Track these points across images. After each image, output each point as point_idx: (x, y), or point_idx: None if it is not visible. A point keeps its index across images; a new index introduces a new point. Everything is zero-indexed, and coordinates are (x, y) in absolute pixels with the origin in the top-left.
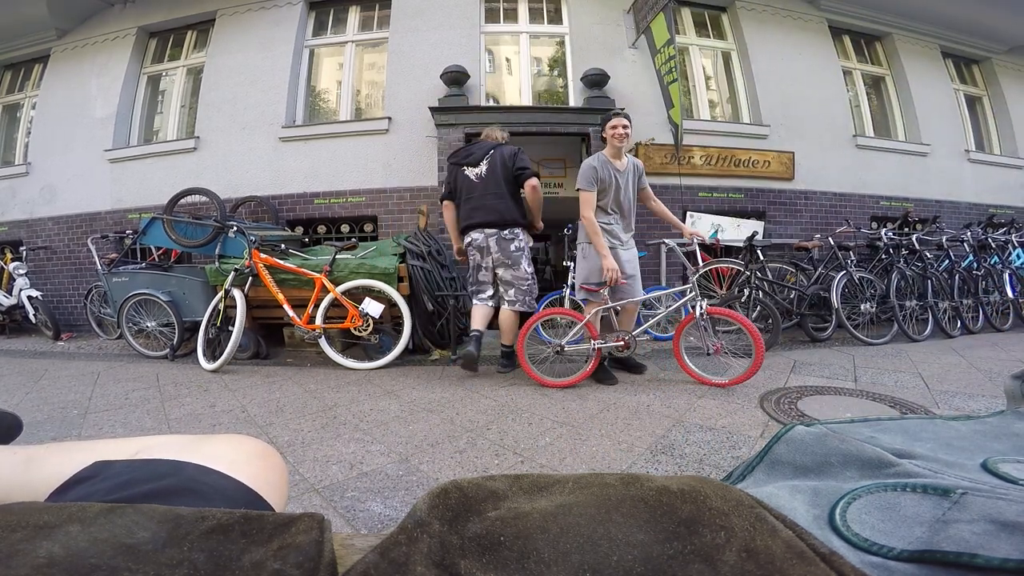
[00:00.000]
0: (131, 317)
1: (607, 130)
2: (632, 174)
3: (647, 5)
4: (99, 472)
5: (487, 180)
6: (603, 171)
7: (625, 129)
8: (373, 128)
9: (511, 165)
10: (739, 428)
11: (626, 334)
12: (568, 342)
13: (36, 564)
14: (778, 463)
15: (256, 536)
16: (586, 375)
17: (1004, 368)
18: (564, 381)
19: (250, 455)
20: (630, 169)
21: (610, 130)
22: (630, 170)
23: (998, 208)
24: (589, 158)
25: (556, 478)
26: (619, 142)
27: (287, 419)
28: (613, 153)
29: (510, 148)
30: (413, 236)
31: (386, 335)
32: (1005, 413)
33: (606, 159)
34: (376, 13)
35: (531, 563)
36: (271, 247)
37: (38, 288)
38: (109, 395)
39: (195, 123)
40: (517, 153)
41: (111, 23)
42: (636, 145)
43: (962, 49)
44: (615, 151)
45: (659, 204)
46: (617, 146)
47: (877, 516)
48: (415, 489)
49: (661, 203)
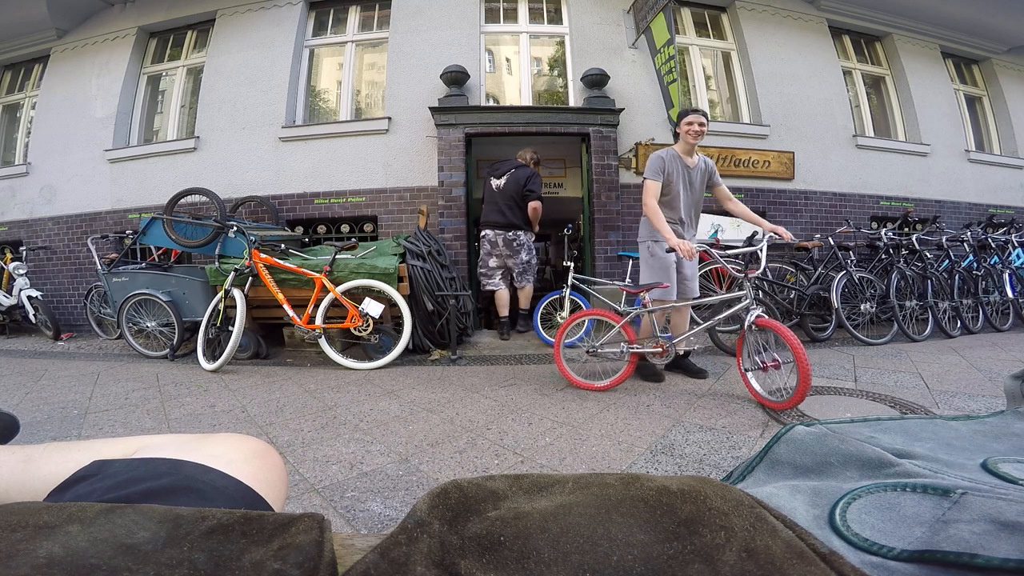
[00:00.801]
0: (131, 317)
1: (682, 126)
2: (702, 173)
3: (647, 5)
4: (98, 471)
5: (503, 191)
6: (671, 164)
7: (702, 127)
8: (373, 128)
9: (522, 185)
10: (739, 428)
11: (665, 339)
12: (602, 345)
13: (36, 564)
14: (778, 463)
15: (256, 536)
16: (620, 380)
17: (1004, 368)
18: (597, 384)
19: (249, 454)
20: (700, 168)
21: (685, 126)
22: (700, 168)
23: (998, 208)
24: (658, 151)
25: (556, 478)
26: (693, 139)
27: (287, 419)
28: (685, 150)
29: (527, 171)
30: (413, 236)
31: (386, 335)
32: (1005, 413)
33: (676, 154)
34: (376, 13)
35: (531, 563)
36: (271, 247)
37: (38, 288)
38: (109, 395)
39: (195, 123)
40: (531, 177)
41: (111, 23)
42: (636, 145)
43: (962, 49)
44: (687, 148)
45: (738, 204)
46: (691, 143)
47: (877, 516)
48: (415, 489)
49: (740, 202)
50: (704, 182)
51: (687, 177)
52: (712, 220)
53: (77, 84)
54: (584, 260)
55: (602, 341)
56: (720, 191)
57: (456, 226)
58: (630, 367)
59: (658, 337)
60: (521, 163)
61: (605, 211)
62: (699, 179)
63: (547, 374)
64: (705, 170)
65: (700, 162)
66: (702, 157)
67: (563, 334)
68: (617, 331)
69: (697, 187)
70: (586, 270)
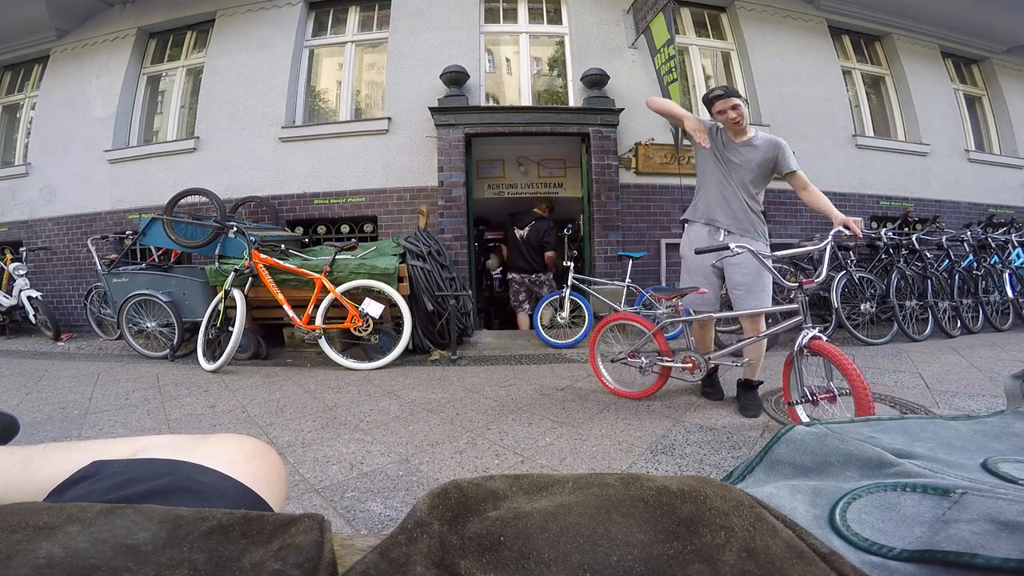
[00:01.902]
0: (131, 317)
1: (714, 116)
2: (758, 154)
3: (647, 5)
4: (97, 472)
5: (526, 242)
6: (717, 138)
7: (736, 111)
8: (373, 128)
9: (541, 237)
10: (739, 428)
11: (697, 355)
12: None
13: (36, 564)
14: (778, 463)
15: (256, 537)
16: (650, 391)
17: (1004, 368)
18: (629, 392)
19: (248, 454)
20: (757, 146)
21: (717, 116)
22: (757, 147)
23: (998, 208)
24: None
25: (556, 478)
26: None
27: (287, 419)
28: (734, 132)
29: (545, 224)
30: (413, 236)
31: (386, 335)
32: (1005, 413)
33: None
34: (376, 13)
35: (531, 563)
36: (271, 247)
37: (38, 288)
38: (109, 395)
39: (195, 123)
40: (548, 230)
41: (111, 23)
42: (636, 145)
43: (962, 49)
44: (733, 132)
45: (813, 194)
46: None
47: (877, 516)
48: (415, 489)
49: (817, 191)
50: (763, 167)
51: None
52: None
53: (77, 84)
54: (584, 260)
55: (631, 349)
56: (794, 179)
57: (456, 226)
58: (661, 379)
59: (689, 352)
60: (539, 214)
61: (605, 211)
62: (758, 159)
63: (547, 374)
64: (765, 151)
65: (757, 138)
66: (764, 136)
67: (598, 336)
68: (647, 339)
69: (747, 169)
70: (586, 270)
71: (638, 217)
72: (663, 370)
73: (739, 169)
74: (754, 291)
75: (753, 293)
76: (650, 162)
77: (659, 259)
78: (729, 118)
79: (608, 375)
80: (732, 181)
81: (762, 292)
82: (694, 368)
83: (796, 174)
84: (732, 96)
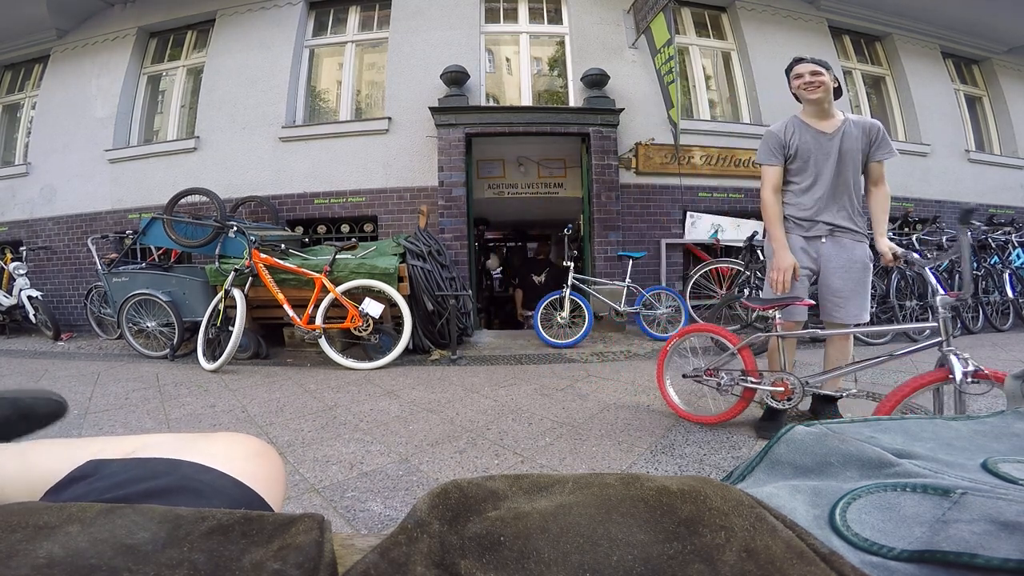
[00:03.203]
0: (131, 317)
1: (792, 83)
2: (856, 140)
3: (647, 5)
4: (95, 471)
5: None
6: (793, 135)
7: (816, 76)
8: (373, 128)
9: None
10: (739, 428)
11: (793, 377)
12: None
13: (36, 564)
14: (778, 463)
15: (256, 536)
16: (728, 415)
17: (1004, 368)
18: (702, 416)
19: (247, 453)
20: (850, 133)
21: (794, 81)
22: (850, 134)
23: (998, 208)
24: (776, 123)
25: (556, 478)
26: (811, 94)
27: (287, 419)
28: (813, 112)
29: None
30: (413, 236)
31: (386, 335)
32: (1005, 413)
33: (800, 121)
34: (376, 13)
35: (531, 563)
36: (271, 247)
37: (38, 288)
38: (109, 395)
39: (195, 123)
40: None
41: (111, 23)
42: (636, 145)
43: (962, 49)
44: (816, 109)
45: (879, 194)
46: (813, 100)
47: (877, 516)
48: (415, 489)
49: (885, 193)
50: (861, 151)
51: (824, 145)
52: (712, 220)
53: (77, 84)
54: (584, 260)
55: (708, 367)
56: (874, 169)
57: (456, 226)
58: (742, 403)
59: (782, 374)
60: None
61: (605, 211)
62: (853, 147)
63: (547, 374)
64: (861, 135)
65: (848, 125)
66: (853, 118)
67: (667, 353)
68: (730, 355)
69: (847, 158)
70: (586, 270)
71: (638, 217)
72: (746, 392)
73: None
74: (856, 297)
75: (854, 299)
76: (650, 162)
77: (659, 259)
78: (806, 82)
79: (677, 396)
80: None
81: (864, 298)
82: (786, 393)
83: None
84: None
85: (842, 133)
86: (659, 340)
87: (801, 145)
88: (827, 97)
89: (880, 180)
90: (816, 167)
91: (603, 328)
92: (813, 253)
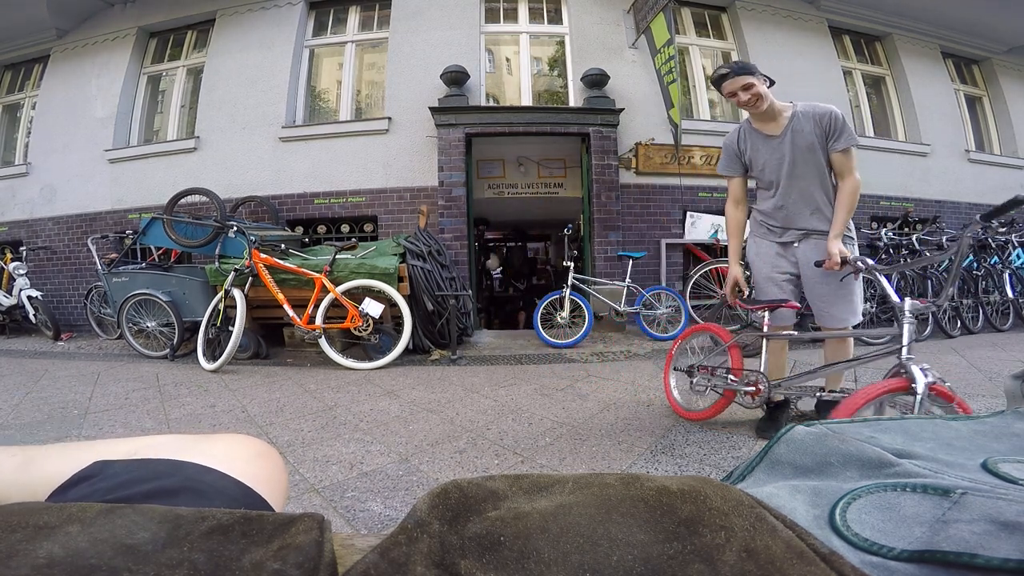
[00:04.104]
0: (131, 317)
1: (726, 97)
2: (806, 135)
3: (647, 5)
4: (99, 472)
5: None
6: (744, 142)
7: (748, 90)
8: (373, 128)
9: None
10: (739, 428)
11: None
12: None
13: (36, 564)
14: (778, 463)
15: (256, 536)
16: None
17: (1004, 368)
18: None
19: (249, 454)
20: (798, 128)
21: (729, 98)
22: (798, 130)
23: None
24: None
25: (556, 478)
26: (756, 109)
27: (287, 419)
28: (759, 117)
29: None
30: (413, 236)
31: (386, 335)
32: (1005, 413)
33: (750, 127)
34: (376, 13)
35: (531, 563)
36: (271, 247)
37: (38, 288)
38: (109, 395)
39: (195, 123)
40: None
41: (111, 23)
42: (636, 145)
43: (962, 49)
44: (758, 116)
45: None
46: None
47: (877, 516)
48: (415, 489)
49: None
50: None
51: (778, 148)
52: (712, 220)
53: (77, 84)
54: (584, 260)
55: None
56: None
57: (456, 226)
58: (723, 401)
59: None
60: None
61: (605, 211)
62: (805, 142)
63: (547, 374)
64: (812, 127)
65: (796, 120)
66: (802, 109)
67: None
68: (720, 352)
69: (805, 158)
70: (586, 270)
71: (638, 217)
72: (727, 392)
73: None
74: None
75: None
76: (650, 162)
77: (659, 259)
78: (740, 100)
79: (679, 395)
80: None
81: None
82: (757, 392)
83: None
84: (742, 73)
85: (791, 131)
86: (659, 340)
87: (753, 153)
88: (769, 104)
89: (845, 172)
90: (773, 174)
91: (603, 328)
92: (791, 257)
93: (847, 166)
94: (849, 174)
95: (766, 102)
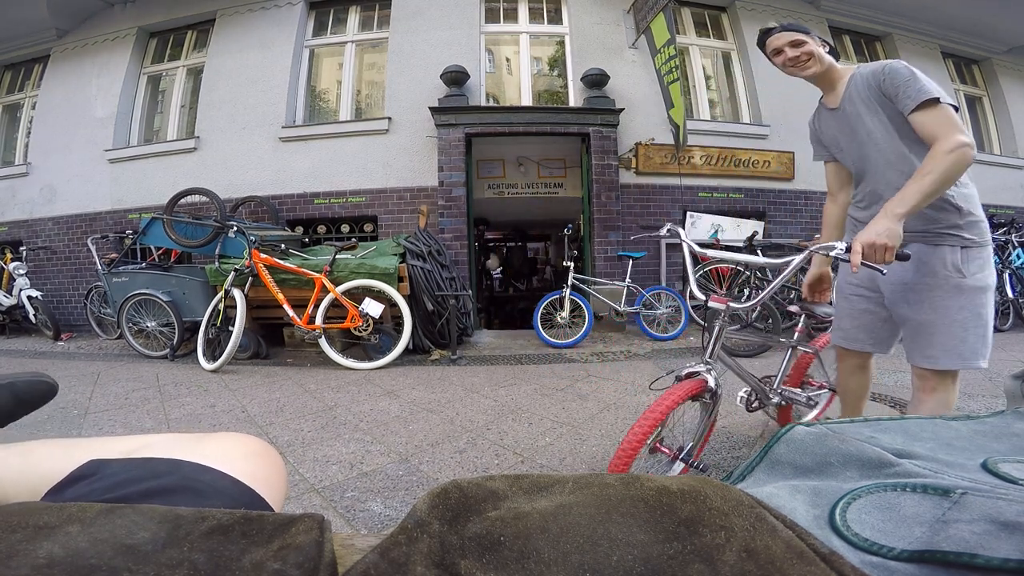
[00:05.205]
0: (131, 317)
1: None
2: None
3: (647, 5)
4: (96, 471)
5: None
6: (817, 120)
7: (797, 47)
8: (373, 128)
9: None
10: (739, 428)
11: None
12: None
13: (36, 564)
14: (778, 463)
15: (256, 536)
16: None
17: (1004, 368)
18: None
19: (248, 453)
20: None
21: (775, 58)
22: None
23: (998, 208)
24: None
25: (556, 478)
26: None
27: (287, 419)
28: (822, 88)
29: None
30: (413, 236)
31: (386, 335)
32: (1005, 413)
33: (819, 103)
34: (376, 13)
35: (531, 563)
36: (271, 247)
37: (38, 288)
38: (109, 395)
39: (195, 123)
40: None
41: (111, 23)
42: (636, 145)
43: (962, 49)
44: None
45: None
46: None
47: (877, 516)
48: (415, 489)
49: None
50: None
51: (848, 124)
52: (712, 220)
53: (77, 84)
54: (584, 260)
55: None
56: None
57: (456, 226)
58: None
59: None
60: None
61: (605, 211)
62: (865, 110)
63: (547, 374)
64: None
65: (854, 84)
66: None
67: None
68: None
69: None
70: (586, 270)
71: (638, 217)
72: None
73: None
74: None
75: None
76: (650, 162)
77: (659, 259)
78: (787, 58)
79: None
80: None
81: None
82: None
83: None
84: (788, 29)
85: (848, 99)
86: (659, 340)
87: (824, 132)
88: (824, 66)
89: (930, 138)
90: (848, 156)
91: (603, 328)
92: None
93: (931, 130)
94: (938, 139)
95: (817, 64)
